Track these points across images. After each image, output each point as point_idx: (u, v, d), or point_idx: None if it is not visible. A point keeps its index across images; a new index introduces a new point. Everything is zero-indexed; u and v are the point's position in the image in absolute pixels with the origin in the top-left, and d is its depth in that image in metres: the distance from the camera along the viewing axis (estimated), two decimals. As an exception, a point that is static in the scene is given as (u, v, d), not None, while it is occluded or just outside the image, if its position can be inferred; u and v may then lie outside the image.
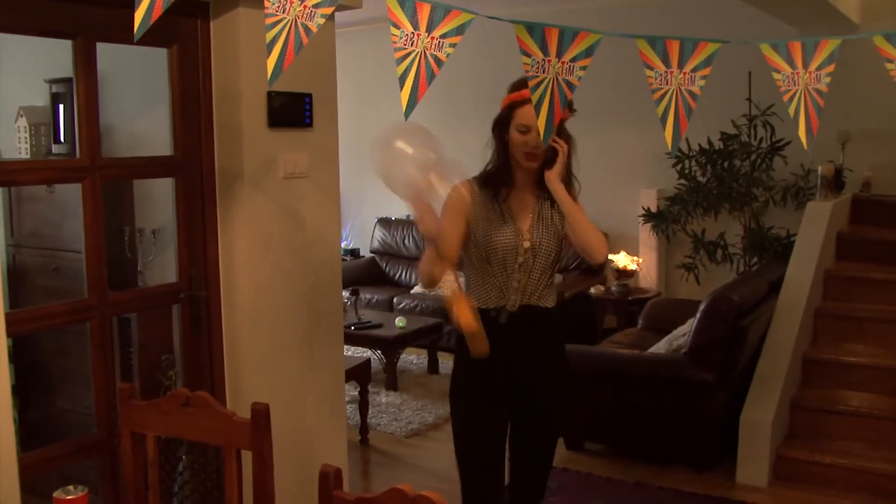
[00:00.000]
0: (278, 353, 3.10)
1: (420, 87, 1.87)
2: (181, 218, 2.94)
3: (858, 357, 4.49)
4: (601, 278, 6.61)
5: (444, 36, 1.88)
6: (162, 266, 3.40)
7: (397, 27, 1.86)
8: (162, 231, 3.47)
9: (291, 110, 3.03)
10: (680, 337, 4.50)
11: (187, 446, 2.95)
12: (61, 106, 3.64)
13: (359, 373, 4.72)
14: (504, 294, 2.52)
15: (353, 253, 8.10)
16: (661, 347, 4.58)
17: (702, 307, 4.29)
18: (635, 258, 6.41)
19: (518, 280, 2.51)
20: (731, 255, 5.78)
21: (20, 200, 3.84)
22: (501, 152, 2.55)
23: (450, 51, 1.89)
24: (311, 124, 3.11)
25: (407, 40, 1.87)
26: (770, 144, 5.57)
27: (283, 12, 1.78)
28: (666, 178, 6.16)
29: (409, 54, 1.87)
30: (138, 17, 1.72)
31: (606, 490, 4.10)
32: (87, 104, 2.65)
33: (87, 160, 2.66)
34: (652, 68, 2.03)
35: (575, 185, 2.57)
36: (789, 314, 4.51)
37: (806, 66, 1.98)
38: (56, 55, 2.85)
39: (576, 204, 2.51)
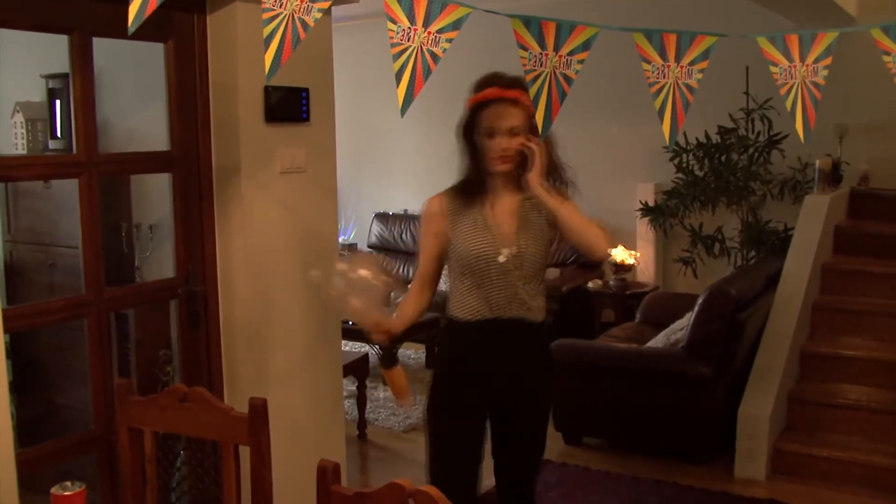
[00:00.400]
0: (276, 348, 3.09)
1: (416, 83, 1.86)
2: (178, 213, 2.93)
3: (856, 351, 4.49)
4: (599, 272, 6.61)
5: (440, 31, 1.88)
6: (159, 262, 3.40)
7: (394, 22, 1.86)
8: (159, 226, 3.46)
9: (288, 105, 3.02)
10: (678, 331, 4.50)
11: (185, 442, 2.95)
12: (58, 101, 3.63)
13: (356, 368, 4.71)
14: (489, 306, 2.38)
15: (351, 247, 8.09)
16: (658, 341, 4.58)
17: (699, 301, 4.29)
18: (633, 252, 6.40)
19: (501, 290, 2.36)
20: (728, 249, 5.78)
21: (17, 196, 3.83)
22: (472, 158, 2.40)
23: (446, 46, 1.88)
24: (307, 119, 3.10)
25: (404, 35, 1.86)
26: (767, 138, 5.56)
27: (280, 7, 1.77)
28: (663, 172, 6.15)
29: (406, 50, 1.86)
30: (132, 11, 1.71)
31: (604, 484, 4.10)
32: (84, 99, 2.64)
33: (83, 156, 2.65)
34: (649, 62, 2.03)
35: (567, 177, 2.43)
36: (787, 308, 4.51)
37: (803, 60, 1.98)
38: (52, 50, 2.84)
39: (566, 203, 2.35)
